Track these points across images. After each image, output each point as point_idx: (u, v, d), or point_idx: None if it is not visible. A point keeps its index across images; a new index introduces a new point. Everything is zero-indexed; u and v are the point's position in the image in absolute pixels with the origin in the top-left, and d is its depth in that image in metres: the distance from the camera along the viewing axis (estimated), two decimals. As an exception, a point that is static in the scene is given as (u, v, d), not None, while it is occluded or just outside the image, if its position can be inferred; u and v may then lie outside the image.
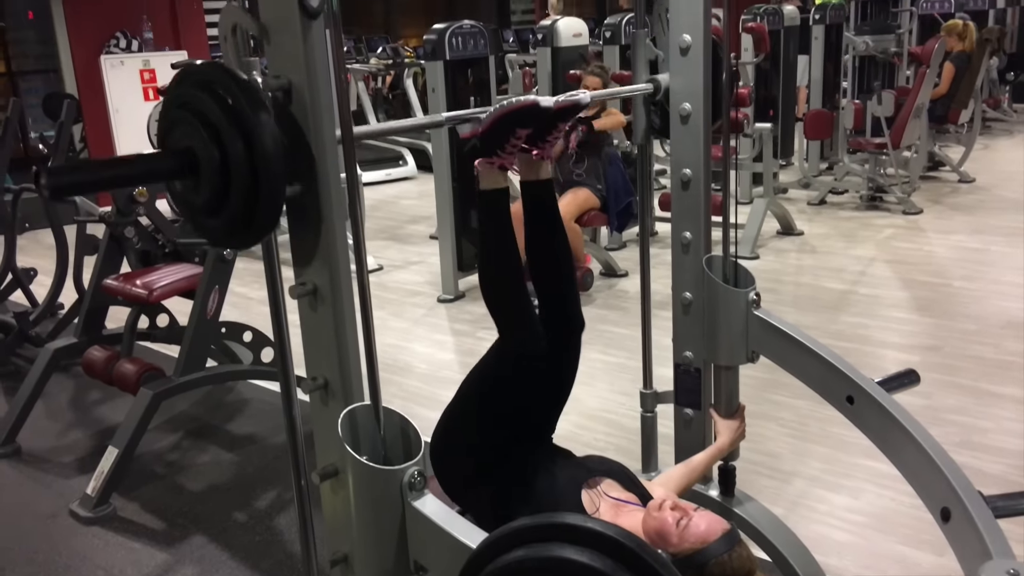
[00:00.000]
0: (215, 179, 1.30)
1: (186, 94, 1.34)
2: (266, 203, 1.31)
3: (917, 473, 1.75)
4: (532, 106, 1.73)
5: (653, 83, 2.14)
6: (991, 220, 6.41)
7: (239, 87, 1.29)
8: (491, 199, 1.86)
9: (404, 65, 10.68)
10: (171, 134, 1.37)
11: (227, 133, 1.28)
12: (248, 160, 1.28)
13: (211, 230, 1.39)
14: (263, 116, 1.28)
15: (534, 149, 1.86)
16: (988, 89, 9.91)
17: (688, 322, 2.20)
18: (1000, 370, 3.77)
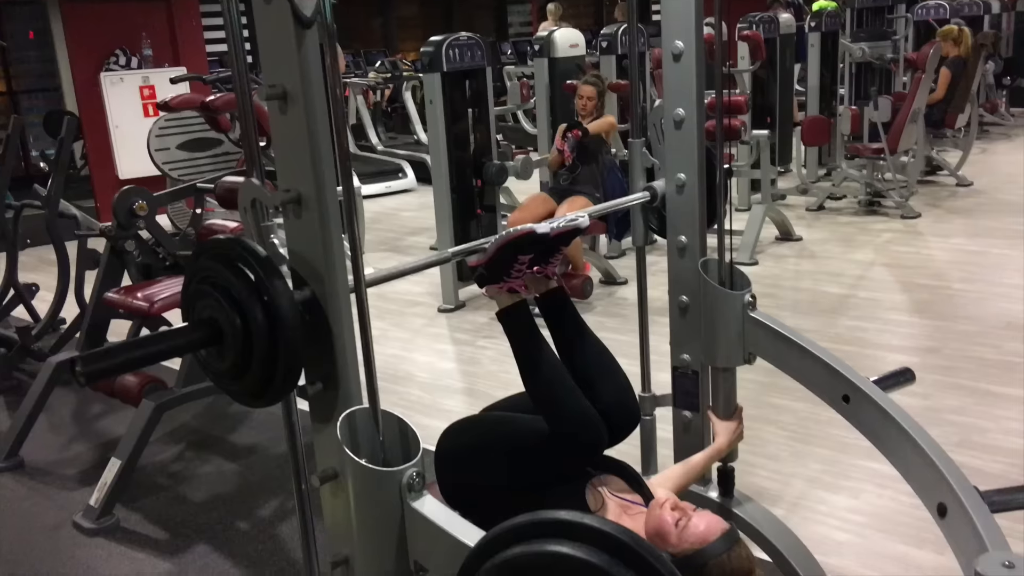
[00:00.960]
0: (238, 347, 1.39)
1: (207, 267, 1.42)
2: (286, 369, 1.39)
3: (913, 470, 1.76)
4: (530, 235, 1.77)
5: (650, 191, 2.22)
6: (990, 223, 6.43)
7: (257, 261, 1.37)
8: (510, 315, 1.87)
9: (403, 78, 10.73)
10: (195, 306, 1.45)
11: (248, 305, 1.36)
12: (268, 330, 1.36)
13: (236, 393, 1.47)
14: (280, 286, 1.36)
15: (538, 268, 1.90)
16: (985, 93, 9.94)
17: (685, 325, 2.22)
18: (1000, 371, 3.78)
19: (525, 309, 1.87)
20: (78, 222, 4.51)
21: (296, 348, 1.38)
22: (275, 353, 1.37)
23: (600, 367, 1.97)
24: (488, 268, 1.83)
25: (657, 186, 2.20)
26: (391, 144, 10.72)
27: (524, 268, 1.84)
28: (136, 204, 3.56)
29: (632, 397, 1.99)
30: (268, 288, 1.35)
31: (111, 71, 8.08)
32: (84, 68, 8.09)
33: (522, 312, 1.86)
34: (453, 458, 1.88)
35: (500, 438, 1.88)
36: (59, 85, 9.51)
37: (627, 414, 1.96)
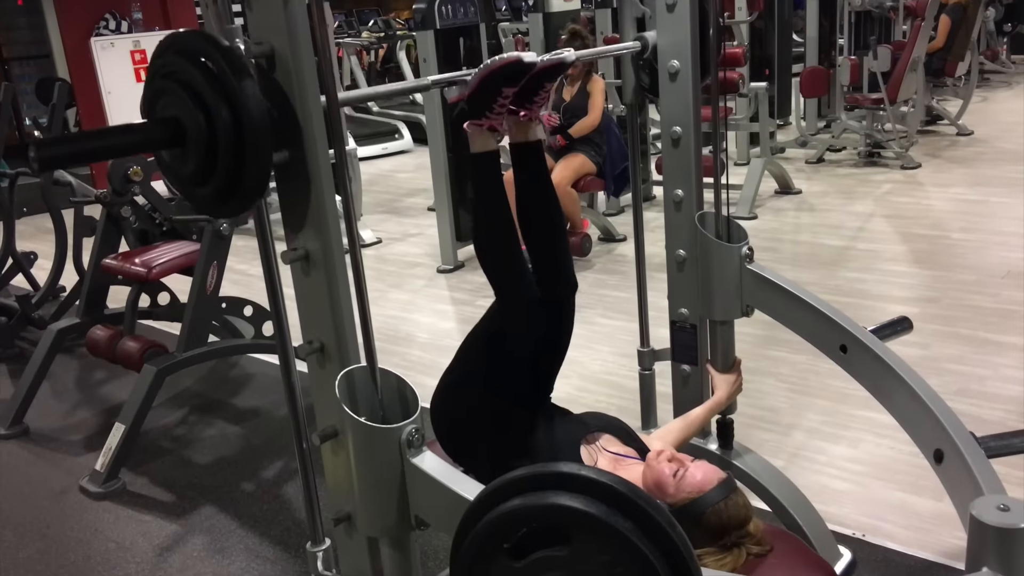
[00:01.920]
0: (202, 147, 1.30)
1: (169, 63, 1.34)
2: (253, 168, 1.31)
3: (910, 417, 1.78)
4: (516, 62, 1.72)
5: (641, 41, 2.14)
6: (990, 172, 6.40)
7: (222, 54, 1.28)
8: (483, 162, 1.86)
9: (396, 38, 10.61)
10: (156, 104, 1.37)
11: (211, 100, 1.27)
12: (234, 126, 1.27)
13: (200, 199, 1.39)
14: (247, 81, 1.28)
15: (521, 110, 1.86)
16: (986, 41, 9.83)
17: (682, 279, 2.22)
18: (999, 319, 3.79)
19: (497, 162, 1.88)
20: (73, 189, 4.50)
21: (263, 145, 1.29)
22: (242, 153, 1.28)
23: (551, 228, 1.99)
24: (470, 101, 1.78)
25: (648, 36, 2.12)
26: (386, 105, 10.63)
27: (507, 103, 1.79)
28: (131, 170, 3.54)
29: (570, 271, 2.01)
30: (233, 83, 1.26)
31: (101, 36, 7.98)
32: (74, 34, 8.00)
33: (494, 161, 1.87)
34: (440, 407, 1.91)
35: (458, 359, 1.93)
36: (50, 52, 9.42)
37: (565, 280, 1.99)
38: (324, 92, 1.38)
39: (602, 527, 1.15)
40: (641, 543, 1.15)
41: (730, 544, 1.66)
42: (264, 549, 2.64)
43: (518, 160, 1.96)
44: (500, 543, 1.23)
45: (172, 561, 2.63)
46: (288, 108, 1.37)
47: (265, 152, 1.31)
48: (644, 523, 1.16)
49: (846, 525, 2.48)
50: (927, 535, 2.43)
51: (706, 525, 1.65)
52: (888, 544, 2.41)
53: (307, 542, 1.68)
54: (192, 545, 2.70)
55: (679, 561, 1.15)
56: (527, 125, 1.91)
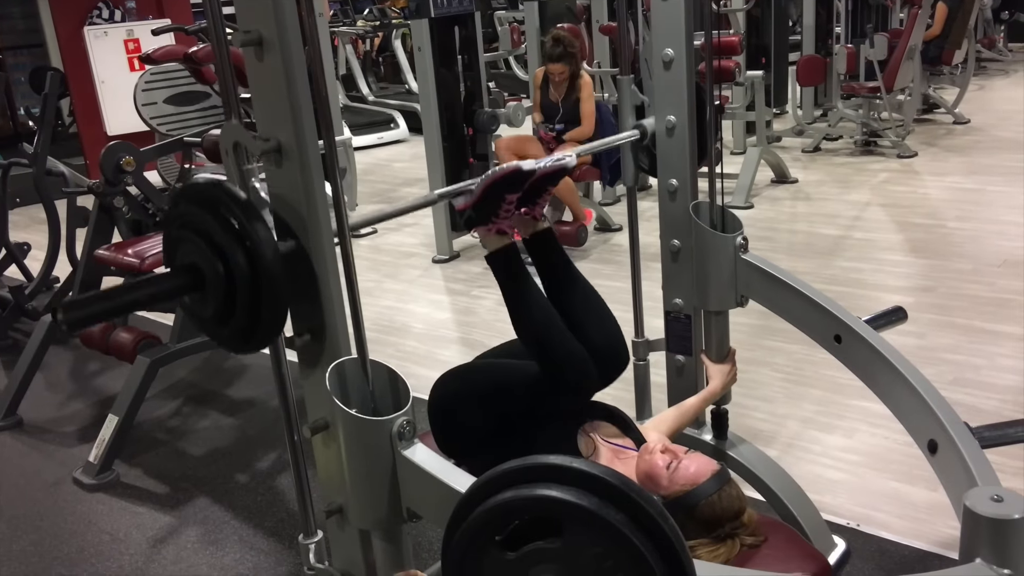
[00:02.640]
0: (220, 293, 1.36)
1: (187, 212, 1.38)
2: (270, 309, 1.36)
3: (904, 407, 1.77)
4: (515, 172, 1.75)
5: (639, 128, 2.18)
6: (986, 160, 6.39)
7: (237, 204, 1.33)
8: (500, 259, 1.86)
9: (392, 26, 10.56)
10: (176, 252, 1.42)
11: (229, 249, 1.33)
12: (250, 274, 1.33)
13: (222, 338, 1.44)
14: (261, 230, 1.33)
15: (524, 209, 1.88)
16: (983, 29, 9.81)
17: (677, 269, 2.21)
18: (994, 308, 3.79)
19: (514, 252, 1.86)
20: (66, 179, 4.48)
21: (279, 291, 1.35)
22: (258, 297, 1.35)
23: (589, 308, 1.97)
24: (476, 209, 1.81)
25: (647, 124, 2.16)
26: (382, 94, 10.59)
27: (512, 208, 1.82)
28: (123, 160, 3.52)
29: (621, 338, 1.99)
30: (249, 232, 1.32)
31: (95, 25, 7.94)
32: (67, 23, 7.95)
33: (511, 255, 1.85)
34: (444, 406, 1.89)
35: (489, 383, 1.88)
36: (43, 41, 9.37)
37: (616, 355, 1.97)
38: (312, 81, 1.37)
39: (594, 519, 1.15)
40: (633, 535, 1.14)
41: (724, 535, 1.66)
42: (258, 541, 2.64)
43: (534, 251, 1.97)
44: (492, 535, 1.22)
45: (166, 553, 2.62)
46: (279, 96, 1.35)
47: (280, 293, 1.36)
48: (636, 515, 1.15)
49: (840, 515, 2.48)
50: (921, 525, 2.43)
51: (700, 517, 1.65)
52: (882, 534, 2.41)
53: (300, 534, 1.67)
54: (186, 537, 2.70)
55: (671, 553, 1.15)
56: (533, 221, 1.93)
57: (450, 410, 1.89)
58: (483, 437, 1.84)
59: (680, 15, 2.02)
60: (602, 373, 1.89)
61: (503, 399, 1.83)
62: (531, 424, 1.80)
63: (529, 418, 1.80)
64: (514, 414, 1.81)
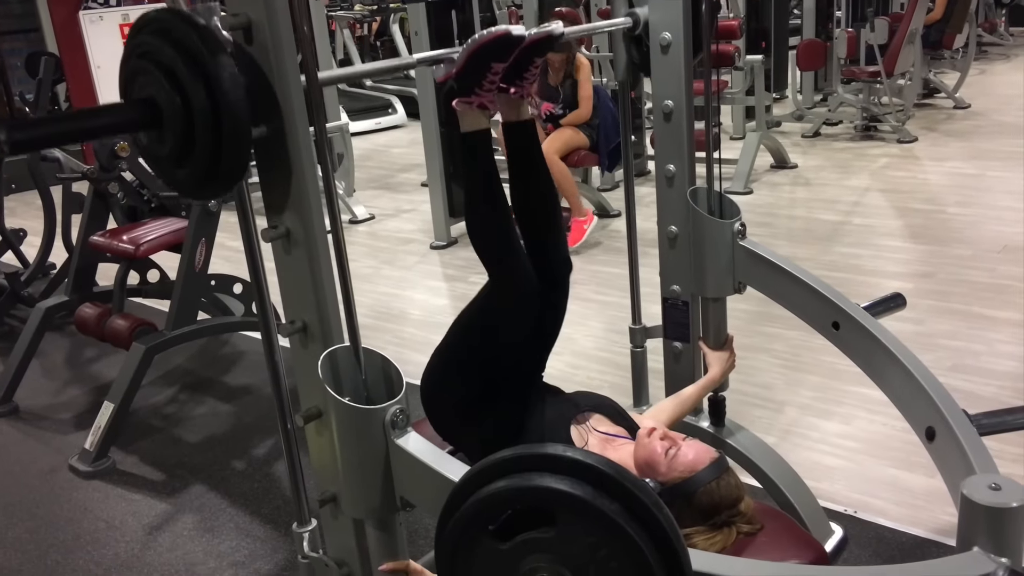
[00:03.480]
0: (178, 127, 1.27)
1: (144, 42, 1.30)
2: (231, 148, 1.27)
3: (902, 395, 1.76)
4: (504, 36, 1.68)
5: (632, 16, 2.10)
6: (987, 145, 6.36)
7: (196, 32, 1.24)
8: (473, 141, 1.82)
9: (389, 10, 10.49)
10: (131, 85, 1.33)
11: (186, 79, 1.24)
12: (210, 105, 1.24)
13: (179, 181, 1.35)
14: (222, 59, 1.24)
15: (512, 87, 1.82)
16: (984, 13, 9.75)
17: (674, 256, 2.19)
18: (994, 294, 3.77)
19: (488, 140, 1.82)
20: (61, 165, 4.45)
21: (241, 128, 1.26)
22: (219, 134, 1.25)
23: (549, 217, 1.96)
24: (459, 79, 1.74)
25: (639, 12, 2.08)
26: (380, 79, 10.53)
27: (497, 79, 1.75)
28: (117, 145, 3.50)
29: (565, 251, 1.98)
30: (208, 61, 1.23)
31: (90, 9, 7.88)
32: (63, 7, 7.90)
33: (486, 139, 1.82)
34: (432, 384, 1.90)
35: (453, 335, 1.88)
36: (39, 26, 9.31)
37: (565, 266, 1.97)
38: (303, 66, 1.35)
39: (588, 509, 1.13)
40: (627, 525, 1.13)
41: (721, 523, 1.65)
42: (254, 528, 2.63)
43: (510, 139, 1.92)
44: (485, 525, 1.21)
45: (162, 540, 2.62)
46: (265, 82, 1.33)
47: (243, 132, 1.27)
48: (630, 504, 1.14)
49: (838, 502, 2.48)
50: (919, 512, 2.43)
51: (697, 504, 1.64)
52: (880, 521, 2.40)
53: (294, 522, 1.66)
54: (182, 524, 2.69)
55: (666, 542, 1.14)
56: (518, 103, 1.87)
57: (436, 387, 1.89)
58: (470, 407, 1.83)
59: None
60: (547, 278, 1.90)
61: (469, 342, 1.84)
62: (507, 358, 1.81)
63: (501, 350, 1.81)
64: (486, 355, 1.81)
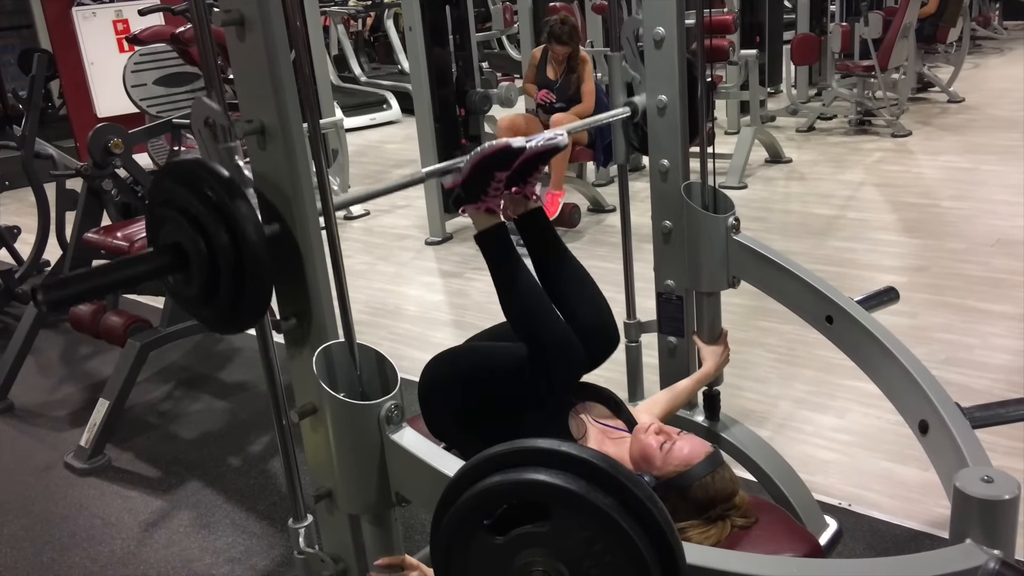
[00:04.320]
0: (203, 272, 1.34)
1: (169, 190, 1.36)
2: (254, 291, 1.34)
3: (895, 388, 1.76)
4: (504, 149, 1.73)
5: (631, 106, 2.16)
6: (981, 139, 6.37)
7: (219, 182, 1.31)
8: (489, 238, 1.83)
9: (384, 6, 10.47)
10: (159, 231, 1.40)
11: (211, 227, 1.31)
12: (234, 250, 1.31)
13: (206, 319, 1.43)
14: (244, 208, 1.31)
15: (515, 188, 1.86)
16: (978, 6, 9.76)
17: (669, 250, 2.20)
18: (988, 287, 3.78)
19: (504, 231, 1.84)
20: (55, 162, 4.44)
21: (262, 269, 1.33)
22: (242, 276, 1.33)
23: (579, 288, 1.95)
24: (465, 188, 1.79)
25: (638, 101, 2.15)
26: (374, 75, 10.52)
27: (501, 186, 1.79)
28: (111, 142, 3.48)
29: (611, 318, 1.97)
30: (232, 210, 1.30)
31: (83, 5, 7.85)
32: (55, 3, 7.86)
33: (501, 234, 1.83)
34: (433, 390, 1.88)
35: (476, 366, 1.86)
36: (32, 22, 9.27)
37: (606, 336, 1.95)
38: (297, 60, 1.35)
39: (582, 503, 1.14)
40: (622, 519, 1.13)
41: (715, 517, 1.65)
42: (250, 524, 2.63)
43: (525, 230, 1.94)
44: (480, 519, 1.21)
45: (158, 537, 2.62)
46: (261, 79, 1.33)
47: (264, 272, 1.34)
48: (625, 499, 1.14)
49: (832, 495, 2.49)
50: (913, 504, 2.44)
51: (692, 498, 1.64)
52: (874, 514, 2.41)
53: (290, 518, 1.66)
54: (178, 520, 2.69)
55: (660, 537, 1.14)
56: (523, 200, 1.91)
57: (438, 393, 1.87)
58: (471, 419, 1.82)
59: (671, -7, 2.00)
60: (592, 354, 1.87)
61: (489, 382, 1.81)
62: (520, 406, 1.79)
63: (516, 401, 1.79)
64: (500, 397, 1.79)
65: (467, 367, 1.87)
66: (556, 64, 5.09)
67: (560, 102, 5.07)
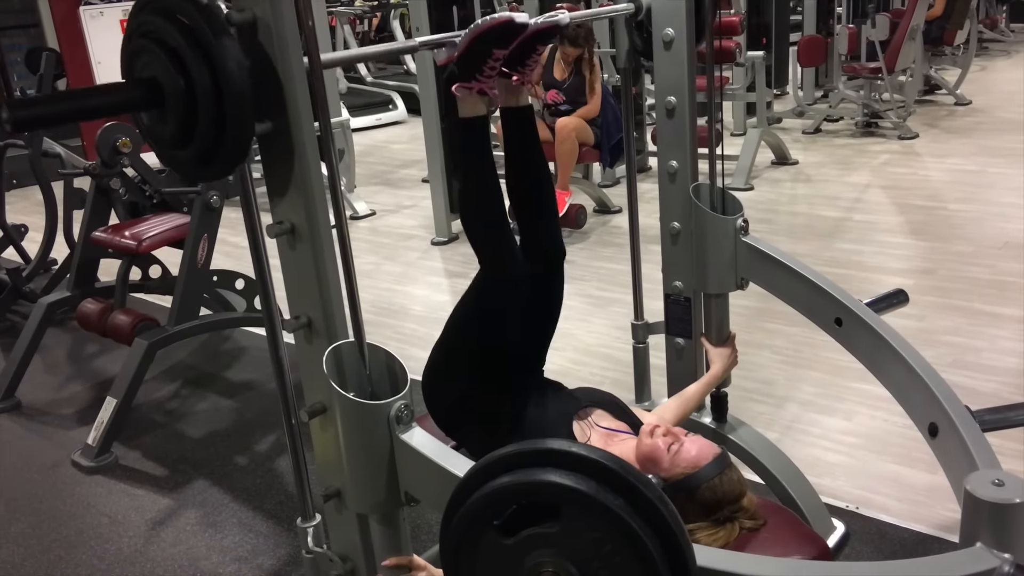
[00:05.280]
0: (181, 108, 1.26)
1: (147, 22, 1.29)
2: (234, 129, 1.26)
3: (905, 391, 1.76)
4: (507, 22, 1.67)
5: (634, 2, 2.11)
6: (988, 142, 6.36)
7: (199, 11, 1.23)
8: (470, 127, 1.81)
9: (390, 6, 10.49)
10: (134, 65, 1.32)
11: (190, 59, 1.23)
12: (213, 84, 1.23)
13: (180, 162, 1.35)
14: (226, 40, 1.23)
15: (513, 74, 1.82)
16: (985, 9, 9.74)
17: (677, 252, 2.19)
18: (995, 290, 3.77)
19: (486, 127, 1.83)
20: (62, 161, 4.45)
21: (244, 108, 1.25)
22: (222, 114, 1.24)
23: (540, 202, 1.97)
24: (460, 63, 1.73)
25: None
26: (380, 75, 10.53)
27: (498, 66, 1.74)
28: (119, 141, 3.49)
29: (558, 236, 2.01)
30: (213, 43, 1.22)
31: (90, 5, 7.86)
32: (63, 2, 7.87)
33: (483, 126, 1.82)
34: (429, 378, 1.90)
35: (450, 327, 1.90)
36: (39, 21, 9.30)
37: (556, 253, 1.98)
38: (308, 55, 1.34)
39: (592, 504, 1.14)
40: (631, 520, 1.13)
41: (723, 519, 1.65)
42: (257, 523, 2.64)
43: (507, 124, 1.91)
44: (490, 520, 1.21)
45: (164, 535, 2.62)
46: (271, 73, 1.33)
47: (245, 112, 1.26)
48: (634, 500, 1.14)
49: (840, 498, 2.48)
50: (921, 508, 2.43)
51: (700, 500, 1.64)
52: (882, 517, 2.40)
53: (298, 517, 1.66)
54: (185, 519, 2.69)
55: (670, 537, 1.14)
56: (518, 89, 1.87)
57: (435, 377, 1.90)
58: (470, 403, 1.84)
59: (681, -6, 2.00)
60: (546, 268, 1.93)
61: (466, 330, 1.85)
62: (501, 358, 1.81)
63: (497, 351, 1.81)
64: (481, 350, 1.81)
65: (449, 335, 1.90)
66: (564, 65, 5.08)
67: (566, 103, 5.08)
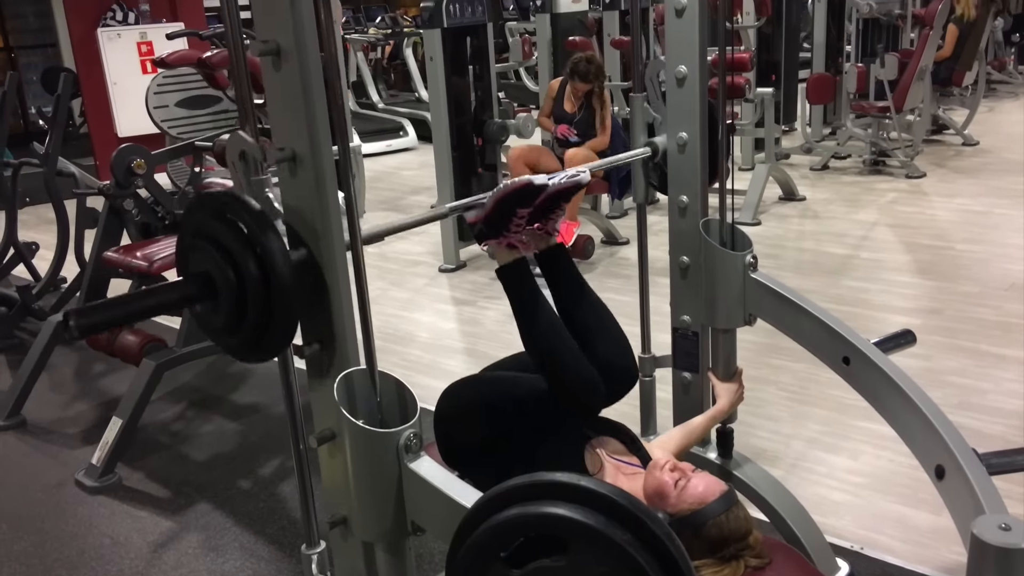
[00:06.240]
0: (231, 302, 1.37)
1: (200, 221, 1.39)
2: (280, 321, 1.36)
3: (912, 432, 1.76)
4: (527, 187, 1.74)
5: (651, 146, 2.18)
6: (995, 183, 6.38)
7: (249, 213, 1.34)
8: (510, 272, 1.84)
9: (403, 35, 10.61)
10: (188, 260, 1.43)
11: (240, 257, 1.34)
12: (262, 282, 1.34)
13: (232, 348, 1.44)
14: (273, 239, 1.34)
15: (537, 224, 1.87)
16: (993, 51, 9.82)
17: (686, 286, 2.20)
18: (1001, 332, 3.77)
19: (525, 266, 1.85)
20: (76, 180, 4.49)
21: (290, 300, 1.36)
22: (269, 306, 1.35)
23: (599, 325, 1.95)
24: (487, 223, 1.80)
25: (658, 142, 2.17)
26: (392, 102, 10.62)
27: (523, 223, 1.81)
28: (134, 162, 3.53)
29: (631, 356, 1.97)
30: (261, 240, 1.33)
31: (108, 27, 7.98)
32: (81, 24, 7.99)
33: (522, 269, 1.84)
34: (451, 419, 1.88)
35: (496, 395, 1.87)
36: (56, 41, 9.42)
37: (625, 373, 1.95)
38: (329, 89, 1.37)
39: (600, 538, 1.14)
40: (639, 555, 1.13)
41: (729, 556, 1.65)
42: (259, 548, 2.63)
43: (546, 267, 1.95)
44: (497, 552, 1.21)
45: (166, 558, 2.62)
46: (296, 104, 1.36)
47: (291, 302, 1.36)
48: (642, 535, 1.14)
49: (844, 538, 2.47)
50: (925, 550, 2.42)
51: (706, 537, 1.64)
52: (886, 558, 2.39)
53: (302, 543, 1.66)
54: (187, 542, 2.69)
55: (677, 574, 1.14)
56: (546, 236, 1.92)
57: (455, 421, 1.88)
58: (487, 450, 1.83)
59: (695, 32, 2.02)
60: (610, 390, 1.87)
61: (508, 413, 1.82)
62: (536, 438, 1.79)
63: (533, 432, 1.79)
64: (518, 428, 1.80)
65: (493, 395, 1.88)
66: (574, 99, 5.14)
67: (576, 137, 5.13)
